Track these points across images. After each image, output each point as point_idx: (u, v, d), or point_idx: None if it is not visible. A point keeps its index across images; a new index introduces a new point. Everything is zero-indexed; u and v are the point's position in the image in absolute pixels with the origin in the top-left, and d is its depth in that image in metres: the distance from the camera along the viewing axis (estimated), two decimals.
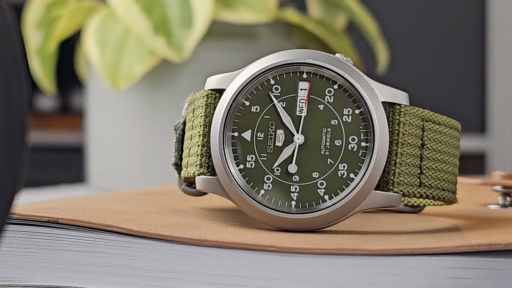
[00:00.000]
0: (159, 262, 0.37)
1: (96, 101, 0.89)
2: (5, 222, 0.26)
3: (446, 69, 1.84)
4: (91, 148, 0.90)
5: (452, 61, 1.84)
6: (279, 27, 0.88)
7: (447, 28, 1.84)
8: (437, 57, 1.84)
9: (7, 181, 0.26)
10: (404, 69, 1.77)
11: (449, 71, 1.84)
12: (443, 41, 1.84)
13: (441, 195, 0.40)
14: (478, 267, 0.34)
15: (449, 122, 0.41)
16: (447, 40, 1.84)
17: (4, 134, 0.26)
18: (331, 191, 0.39)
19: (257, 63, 0.40)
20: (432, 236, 0.37)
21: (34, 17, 0.88)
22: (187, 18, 0.78)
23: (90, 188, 0.89)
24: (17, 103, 0.26)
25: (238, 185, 0.39)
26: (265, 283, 0.36)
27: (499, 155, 1.83)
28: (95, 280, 0.38)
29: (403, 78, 1.70)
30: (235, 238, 0.36)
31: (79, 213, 0.39)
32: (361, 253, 0.35)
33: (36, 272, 0.39)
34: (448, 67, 1.84)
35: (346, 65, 0.39)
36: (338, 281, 0.35)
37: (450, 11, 1.84)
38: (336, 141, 0.39)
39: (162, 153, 0.82)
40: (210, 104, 0.40)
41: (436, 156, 0.40)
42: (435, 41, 1.84)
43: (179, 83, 0.83)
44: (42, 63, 0.88)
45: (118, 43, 0.81)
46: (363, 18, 0.89)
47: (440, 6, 1.84)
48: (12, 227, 0.39)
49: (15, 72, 0.26)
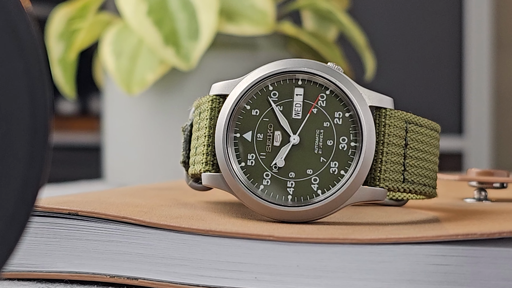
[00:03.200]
0: (168, 250, 0.37)
1: (112, 105, 0.89)
2: (30, 214, 0.26)
3: (427, 76, 1.84)
4: (107, 148, 0.90)
5: (432, 69, 1.84)
6: (277, 39, 0.88)
7: (427, 40, 1.84)
8: (419, 65, 1.84)
9: (32, 177, 0.26)
10: (389, 77, 1.77)
11: (430, 78, 1.84)
12: (424, 51, 1.84)
13: (423, 190, 0.40)
14: (456, 254, 0.34)
15: (430, 124, 0.41)
16: (428, 50, 1.84)
17: (29, 135, 0.26)
18: (323, 186, 0.39)
19: (257, 71, 0.40)
20: (415, 227, 0.37)
21: (56, 29, 0.88)
22: (194, 31, 0.78)
23: (107, 184, 0.89)
24: (41, 107, 0.26)
25: (240, 181, 0.39)
26: (264, 269, 0.36)
27: (474, 154, 1.83)
28: (111, 266, 0.38)
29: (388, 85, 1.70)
30: (237, 228, 0.36)
31: (96, 206, 0.39)
32: (351, 242, 0.35)
33: (58, 259, 0.39)
34: (429, 74, 1.84)
35: (337, 73, 0.39)
36: (330, 267, 0.35)
37: (430, 25, 1.84)
38: (328, 141, 0.39)
39: (171, 152, 0.82)
40: (215, 108, 0.40)
41: (418, 155, 0.40)
42: (417, 51, 1.84)
43: (187, 89, 0.83)
44: (63, 71, 0.88)
45: (132, 53, 0.81)
46: (352, 31, 0.89)
47: (421, 21, 1.84)
48: (36, 219, 0.39)
49: (39, 79, 0.26)
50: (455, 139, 1.82)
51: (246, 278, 0.36)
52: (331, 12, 0.89)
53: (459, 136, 1.83)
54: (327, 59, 0.87)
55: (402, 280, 0.34)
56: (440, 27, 1.83)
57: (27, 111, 0.26)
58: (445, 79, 1.84)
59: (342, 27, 0.90)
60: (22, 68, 0.26)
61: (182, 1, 0.79)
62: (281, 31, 0.87)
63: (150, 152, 0.85)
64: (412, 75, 1.84)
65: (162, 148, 0.84)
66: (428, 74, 1.84)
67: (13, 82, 0.26)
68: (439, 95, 1.83)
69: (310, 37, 0.87)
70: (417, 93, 1.82)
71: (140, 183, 0.80)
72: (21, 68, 0.26)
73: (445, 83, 1.84)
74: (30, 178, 0.26)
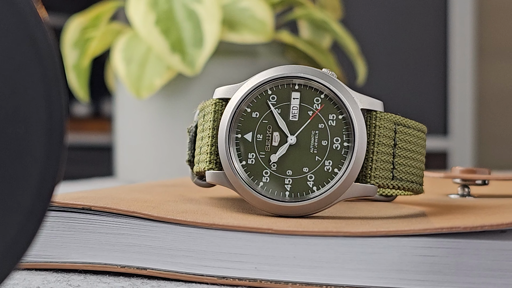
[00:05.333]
0: (175, 243, 0.37)
1: (122, 108, 0.89)
2: (47, 209, 0.26)
3: (414, 81, 1.84)
4: (118, 147, 0.90)
5: (419, 74, 1.84)
6: (275, 47, 0.87)
7: (415, 48, 1.84)
8: (407, 71, 1.84)
9: (49, 175, 0.26)
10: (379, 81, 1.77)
11: (417, 83, 1.84)
12: (412, 58, 1.84)
13: (410, 186, 0.40)
14: (441, 246, 0.34)
15: (417, 125, 0.41)
16: (415, 57, 1.84)
17: (46, 136, 0.26)
18: (318, 183, 0.39)
19: (257, 76, 0.40)
20: (403, 221, 0.37)
21: (71, 38, 0.88)
22: (199, 39, 0.77)
23: (118, 181, 0.89)
24: (57, 110, 0.26)
25: (241, 178, 0.39)
26: (264, 260, 0.36)
27: (458, 153, 1.83)
28: (121, 257, 0.38)
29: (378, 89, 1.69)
30: (239, 222, 0.36)
31: (108, 201, 0.39)
32: (344, 235, 0.35)
33: (72, 250, 0.39)
34: (416, 79, 1.84)
35: (331, 78, 0.39)
36: (324, 258, 0.35)
37: (417, 34, 1.84)
38: (322, 141, 0.39)
39: (178, 151, 0.82)
40: (218, 111, 0.40)
41: (406, 154, 0.40)
42: (405, 58, 1.84)
43: (192, 93, 0.83)
44: (77, 76, 0.88)
45: (141, 60, 0.81)
46: (345, 39, 0.89)
47: (409, 30, 1.84)
48: (52, 213, 0.39)
49: (55, 84, 0.26)
50: (440, 140, 1.82)
51: (246, 268, 0.36)
52: (325, 22, 0.89)
53: (444, 136, 1.83)
54: (322, 65, 0.87)
55: (391, 270, 0.34)
56: (427, 36, 1.83)
57: (44, 113, 0.26)
58: (431, 84, 1.84)
59: (336, 36, 0.90)
60: (39, 74, 0.26)
61: (187, 11, 0.79)
62: (279, 40, 0.87)
63: (158, 151, 0.85)
64: (400, 80, 1.83)
65: (169, 148, 0.84)
66: (415, 79, 1.84)
67: (31, 87, 0.26)
68: (425, 98, 1.83)
69: (306, 45, 0.87)
70: (405, 97, 1.82)
71: (149, 180, 0.80)
72: (38, 74, 0.26)
73: (431, 87, 1.84)
74: (47, 175, 0.26)
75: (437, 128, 1.82)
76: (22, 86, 0.25)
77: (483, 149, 1.85)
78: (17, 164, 0.25)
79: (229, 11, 0.82)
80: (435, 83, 1.83)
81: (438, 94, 1.83)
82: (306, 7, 0.91)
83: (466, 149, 1.82)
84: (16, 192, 0.25)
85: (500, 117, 1.84)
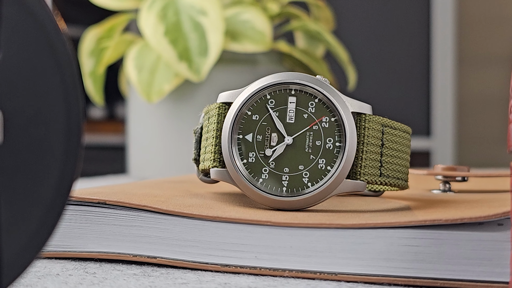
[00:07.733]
0: (182, 234, 0.37)
1: (134, 111, 0.89)
2: (66, 203, 0.26)
3: (400, 86, 1.84)
4: (130, 147, 0.90)
5: (404, 80, 1.84)
6: (273, 55, 0.88)
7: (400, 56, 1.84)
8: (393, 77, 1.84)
9: (67, 172, 0.26)
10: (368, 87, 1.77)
11: (402, 88, 1.84)
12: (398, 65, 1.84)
13: (397, 182, 0.40)
14: (424, 237, 0.34)
15: (403, 127, 0.41)
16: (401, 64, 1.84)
17: (65, 137, 0.26)
18: (313, 180, 0.39)
19: (256, 82, 0.40)
20: (390, 214, 0.37)
21: (87, 47, 0.88)
22: (204, 48, 0.77)
23: (130, 178, 0.89)
24: (75, 113, 0.26)
25: (242, 175, 0.39)
26: (263, 249, 0.36)
27: (440, 152, 1.83)
28: (133, 247, 0.38)
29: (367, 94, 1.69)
30: (240, 215, 0.36)
31: (121, 196, 0.39)
32: (336, 226, 0.35)
33: (88, 241, 0.39)
34: (401, 85, 1.84)
35: (324, 84, 0.39)
36: (318, 248, 0.35)
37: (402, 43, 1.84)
38: (316, 141, 0.39)
39: (185, 151, 0.82)
40: (221, 114, 0.40)
41: (393, 153, 0.40)
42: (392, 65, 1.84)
43: (197, 97, 0.83)
44: (93, 82, 0.88)
45: (151, 67, 0.81)
46: (337, 49, 0.89)
47: (395, 40, 1.84)
48: (71, 207, 0.39)
49: (73, 89, 0.26)
50: (423, 140, 1.82)
51: (247, 257, 0.36)
52: (319, 33, 0.89)
53: (427, 137, 1.83)
54: (316, 72, 0.87)
55: (379, 259, 0.34)
56: (411, 45, 1.83)
57: (63, 116, 0.26)
58: (415, 89, 1.84)
59: (329, 46, 0.90)
60: (59, 80, 0.26)
61: (193, 23, 0.79)
62: (277, 49, 0.87)
63: (166, 151, 0.85)
64: (387, 86, 1.84)
65: (177, 147, 0.84)
66: (401, 85, 1.84)
67: (51, 92, 0.26)
68: (410, 102, 1.83)
69: (301, 54, 0.87)
70: (391, 101, 1.82)
71: (158, 177, 0.80)
72: (58, 80, 0.26)
73: (415, 92, 1.84)
74: (66, 172, 0.26)
75: (421, 129, 1.83)
76: (43, 91, 0.25)
77: (463, 148, 1.85)
78: (39, 162, 0.25)
79: (231, 23, 0.82)
80: (419, 89, 1.83)
81: (421, 99, 1.83)
82: (302, 19, 0.91)
83: (447, 149, 1.82)
84: (37, 188, 0.25)
85: (478, 120, 1.84)
